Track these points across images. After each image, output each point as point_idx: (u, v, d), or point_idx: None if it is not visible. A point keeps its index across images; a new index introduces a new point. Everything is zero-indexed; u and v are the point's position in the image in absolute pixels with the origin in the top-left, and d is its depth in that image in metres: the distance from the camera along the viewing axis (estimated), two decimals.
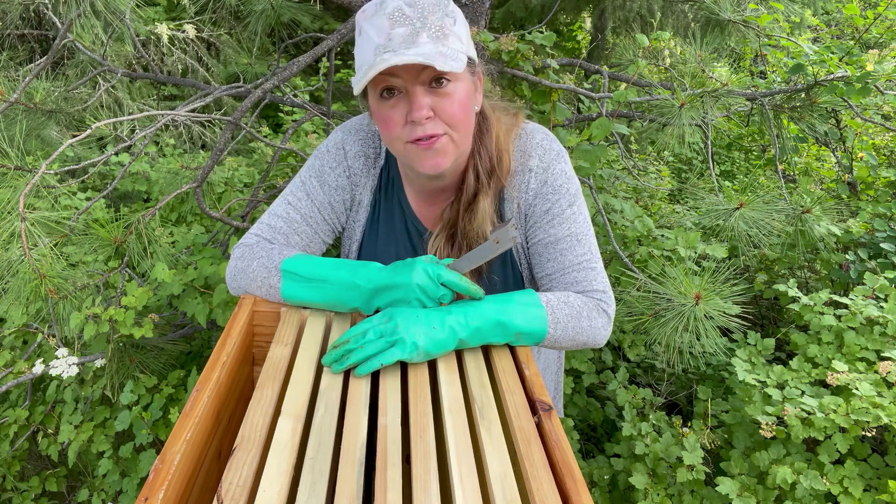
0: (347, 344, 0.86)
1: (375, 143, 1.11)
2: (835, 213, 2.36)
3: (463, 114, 0.93)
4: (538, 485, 0.68)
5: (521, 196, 1.05)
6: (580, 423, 2.31)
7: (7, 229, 1.39)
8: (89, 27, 2.05)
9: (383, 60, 0.84)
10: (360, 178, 1.10)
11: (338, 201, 1.10)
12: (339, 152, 1.09)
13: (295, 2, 2.43)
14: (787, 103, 2.19)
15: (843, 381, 1.57)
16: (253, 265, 1.01)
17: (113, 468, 1.92)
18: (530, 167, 1.04)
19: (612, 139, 2.43)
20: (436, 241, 1.08)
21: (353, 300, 0.93)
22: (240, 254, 1.05)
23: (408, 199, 1.11)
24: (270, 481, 0.65)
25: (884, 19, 2.57)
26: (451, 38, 0.88)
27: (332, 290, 0.94)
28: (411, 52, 0.84)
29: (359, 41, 0.91)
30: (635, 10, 3.84)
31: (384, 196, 1.12)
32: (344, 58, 5.68)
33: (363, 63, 0.88)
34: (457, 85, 0.91)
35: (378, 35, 0.87)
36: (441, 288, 0.90)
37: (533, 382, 0.85)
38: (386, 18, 0.86)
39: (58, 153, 1.42)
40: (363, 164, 1.10)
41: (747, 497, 1.54)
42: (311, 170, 1.10)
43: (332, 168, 1.09)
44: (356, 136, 1.10)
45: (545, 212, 1.04)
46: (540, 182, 1.04)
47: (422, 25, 0.86)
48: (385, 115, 0.92)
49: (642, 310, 1.59)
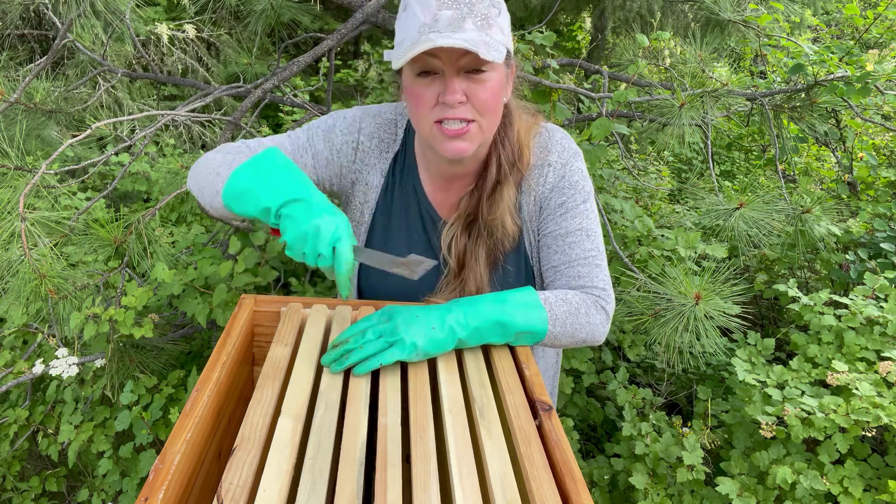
0: (347, 344, 0.86)
1: (391, 130, 1.11)
2: (835, 213, 2.35)
3: (494, 102, 0.95)
4: (538, 485, 0.68)
5: (539, 189, 1.07)
6: (580, 423, 2.31)
7: (7, 229, 1.39)
8: (89, 27, 2.06)
9: (429, 40, 0.84)
10: (369, 158, 1.10)
11: (333, 162, 1.10)
12: (354, 124, 1.10)
13: (295, 2, 2.43)
14: (787, 103, 2.19)
15: (843, 381, 1.57)
16: (218, 155, 1.01)
17: (113, 468, 1.92)
18: (549, 162, 1.06)
19: (612, 139, 2.43)
20: (451, 230, 1.08)
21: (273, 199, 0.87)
22: (219, 147, 1.06)
23: (423, 185, 1.11)
24: (270, 481, 0.65)
25: (884, 19, 2.57)
26: (494, 29, 0.90)
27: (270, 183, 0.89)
28: (457, 37, 0.85)
29: (402, 16, 0.92)
30: (635, 10, 3.84)
31: (398, 181, 1.12)
32: (344, 58, 5.69)
33: (406, 39, 0.89)
34: (492, 74, 0.93)
35: (424, 14, 0.88)
36: (329, 249, 0.84)
37: (533, 382, 0.85)
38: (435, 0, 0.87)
39: (58, 153, 1.42)
40: (375, 146, 1.10)
41: (747, 497, 1.54)
42: (322, 122, 1.11)
43: (342, 132, 1.09)
44: (374, 119, 1.11)
45: (559, 205, 1.06)
46: (558, 176, 1.06)
47: (468, 11, 0.88)
48: (418, 92, 0.93)
49: (642, 310, 1.59)
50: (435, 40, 0.84)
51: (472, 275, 1.06)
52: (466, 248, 1.07)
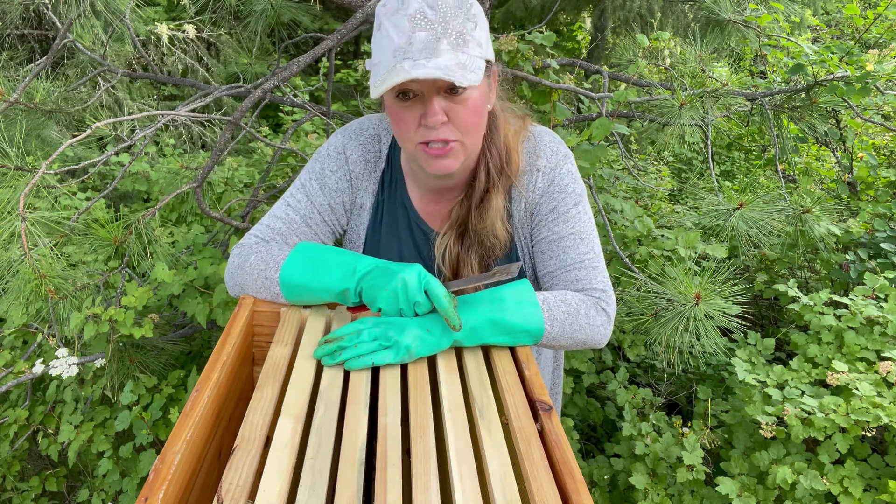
0: (341, 341, 0.87)
1: (376, 147, 1.11)
2: (835, 213, 2.35)
3: (476, 119, 0.94)
4: (538, 485, 0.68)
5: (529, 196, 1.06)
6: (580, 423, 2.31)
7: (7, 229, 1.39)
8: (89, 27, 2.06)
9: (403, 70, 0.83)
10: (361, 182, 1.11)
11: (337, 203, 1.10)
12: (340, 156, 1.09)
13: (295, 2, 2.43)
14: (787, 103, 2.19)
15: (843, 381, 1.57)
16: (250, 259, 1.02)
17: (113, 468, 1.92)
18: (538, 167, 1.06)
19: (612, 139, 2.43)
20: (444, 240, 1.08)
21: (346, 281, 0.93)
22: (237, 252, 1.06)
23: (411, 199, 1.11)
24: (270, 481, 0.65)
25: (884, 19, 2.57)
26: (470, 45, 0.88)
27: (331, 271, 0.94)
28: (431, 65, 0.83)
29: (377, 36, 0.91)
30: (635, 10, 3.84)
31: (387, 198, 1.12)
32: (344, 58, 5.69)
33: (381, 63, 0.88)
34: (472, 91, 0.92)
35: (398, 36, 0.86)
36: (422, 295, 0.89)
37: (533, 382, 0.85)
38: (408, 20, 0.86)
39: (58, 153, 1.42)
40: (364, 169, 1.10)
41: (747, 497, 1.54)
42: (312, 172, 1.10)
43: (333, 172, 1.09)
44: (357, 140, 1.10)
45: (551, 210, 1.06)
46: (547, 181, 1.06)
47: (443, 31, 0.86)
48: (399, 114, 0.93)
49: (642, 310, 1.59)
50: (409, 70, 0.83)
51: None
52: (459, 258, 1.07)
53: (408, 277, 0.88)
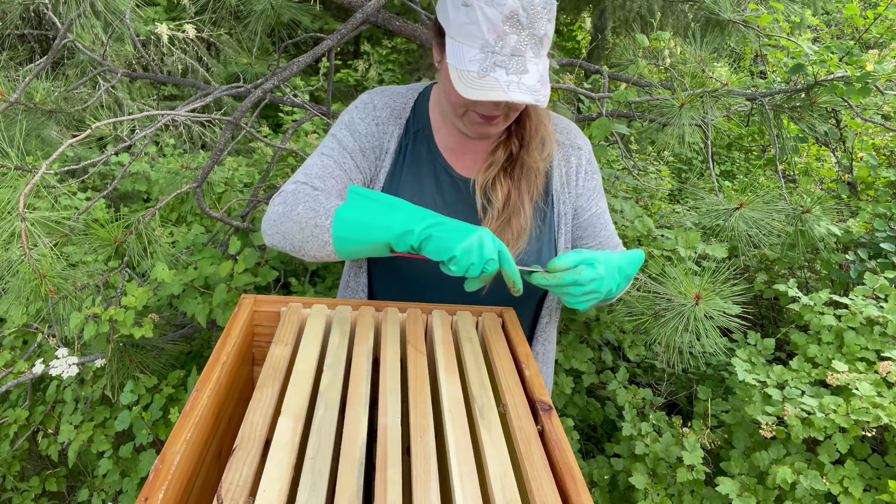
0: (581, 284, 0.95)
1: (401, 101, 1.16)
2: (835, 213, 2.35)
3: (522, 108, 1.03)
4: (538, 485, 0.68)
5: (571, 167, 1.17)
6: (580, 423, 2.31)
7: (7, 229, 1.39)
8: (89, 27, 2.05)
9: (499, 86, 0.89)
10: (387, 126, 1.14)
11: (368, 148, 1.13)
12: (368, 105, 1.14)
13: (295, 2, 2.43)
14: (787, 103, 2.19)
15: (843, 381, 1.57)
16: (298, 208, 1.00)
17: (113, 468, 1.92)
18: (579, 145, 1.18)
19: (612, 139, 2.43)
20: (486, 175, 1.10)
21: (412, 222, 0.91)
22: (281, 200, 1.04)
23: (438, 147, 1.14)
24: (270, 481, 0.65)
25: (884, 19, 2.57)
26: (545, 46, 0.93)
27: (395, 211, 0.93)
28: (525, 83, 0.90)
29: (464, 11, 0.91)
30: (635, 10, 3.84)
31: (411, 142, 1.15)
32: (344, 58, 5.68)
33: (467, 55, 0.91)
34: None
35: (490, 31, 0.89)
36: (496, 254, 0.90)
37: (533, 382, 0.86)
38: (501, 19, 0.88)
39: (58, 153, 1.42)
40: (389, 115, 1.14)
41: (747, 497, 1.54)
42: (341, 123, 1.14)
43: (362, 118, 1.13)
44: (383, 94, 1.16)
45: (594, 188, 1.19)
46: (587, 160, 1.19)
47: (529, 38, 0.90)
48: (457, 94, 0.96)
49: (642, 310, 1.59)
50: (507, 91, 0.88)
51: (516, 217, 1.10)
52: (510, 192, 1.11)
53: (484, 236, 0.90)
